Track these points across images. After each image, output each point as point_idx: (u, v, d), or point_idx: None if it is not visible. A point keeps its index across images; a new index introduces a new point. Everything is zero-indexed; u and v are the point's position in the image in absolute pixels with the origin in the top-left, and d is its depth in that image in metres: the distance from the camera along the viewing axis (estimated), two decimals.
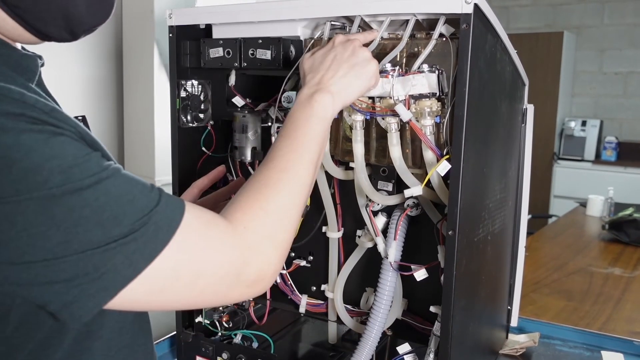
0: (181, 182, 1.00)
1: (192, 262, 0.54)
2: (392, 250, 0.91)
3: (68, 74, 2.37)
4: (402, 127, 0.81)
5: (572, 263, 2.04)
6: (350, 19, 0.86)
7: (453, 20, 0.76)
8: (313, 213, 1.03)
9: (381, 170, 0.96)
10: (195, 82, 1.00)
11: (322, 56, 0.75)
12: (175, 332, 1.07)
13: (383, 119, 0.80)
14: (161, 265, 0.52)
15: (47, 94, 0.67)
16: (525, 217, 1.10)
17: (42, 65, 0.67)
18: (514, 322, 1.14)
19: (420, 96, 0.76)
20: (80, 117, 0.69)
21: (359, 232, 1.01)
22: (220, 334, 1.03)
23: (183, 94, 0.98)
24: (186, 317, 1.04)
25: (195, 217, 0.56)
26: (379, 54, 0.83)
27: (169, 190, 1.01)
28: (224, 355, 0.96)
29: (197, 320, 1.04)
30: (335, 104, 0.71)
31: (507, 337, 1.16)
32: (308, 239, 1.05)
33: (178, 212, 0.54)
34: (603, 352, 1.08)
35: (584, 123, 4.46)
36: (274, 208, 0.61)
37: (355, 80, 0.73)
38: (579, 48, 4.59)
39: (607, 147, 4.38)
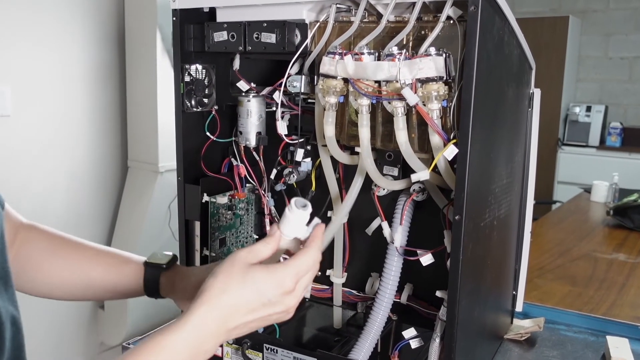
0: (185, 167, 1.00)
1: None
2: (398, 235, 0.91)
3: (70, 59, 2.36)
4: (409, 111, 0.80)
5: (577, 249, 2.04)
6: (356, 2, 0.85)
7: (461, 2, 0.74)
8: (318, 198, 1.03)
9: (387, 155, 0.96)
10: (199, 67, 0.99)
11: (251, 306, 0.62)
12: None
13: (389, 103, 0.80)
14: None
15: None
16: (531, 202, 1.09)
17: None
18: (519, 307, 1.14)
19: (427, 80, 0.75)
20: None
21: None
22: None
23: (187, 78, 0.97)
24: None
25: None
26: (385, 37, 0.82)
27: (173, 175, 1.01)
28: (229, 340, 0.97)
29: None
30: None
31: (512, 322, 1.16)
32: None
33: None
34: (608, 337, 1.09)
35: (588, 108, 4.44)
36: None
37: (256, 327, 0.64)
38: (584, 32, 4.55)
39: (612, 132, 4.36)
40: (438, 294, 0.86)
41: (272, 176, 1.03)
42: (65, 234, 0.86)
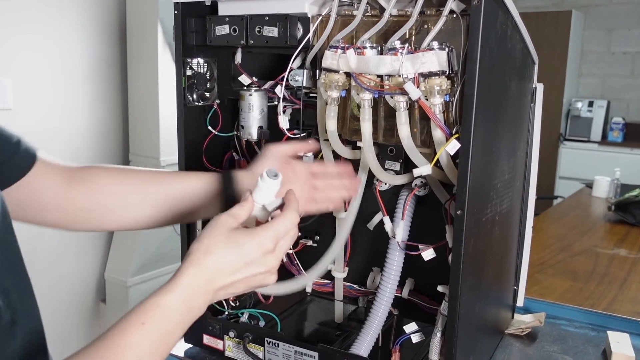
0: (187, 161, 1.00)
1: None
2: (400, 230, 0.91)
3: (71, 52, 2.35)
4: (411, 105, 0.80)
5: (578, 244, 2.04)
6: None
7: None
8: None
9: (389, 149, 0.96)
10: (201, 60, 0.99)
11: (235, 266, 0.65)
12: None
13: (392, 97, 0.79)
14: None
15: None
16: (533, 197, 1.09)
17: None
18: (520, 302, 1.14)
19: (430, 74, 0.75)
20: None
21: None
22: (227, 312, 1.03)
23: (189, 72, 0.97)
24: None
25: None
26: (388, 31, 0.82)
27: (175, 169, 1.01)
28: (231, 334, 0.97)
29: None
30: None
31: (513, 317, 1.17)
32: (315, 218, 1.04)
33: None
34: (609, 332, 1.09)
35: (590, 104, 4.43)
36: None
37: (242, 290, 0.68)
38: (587, 27, 4.53)
39: (614, 128, 4.35)
40: (439, 288, 0.86)
41: None
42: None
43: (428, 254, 0.88)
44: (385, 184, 0.95)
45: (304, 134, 0.98)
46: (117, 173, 0.86)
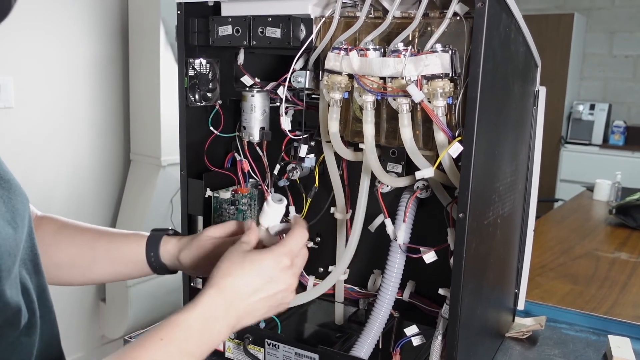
0: (189, 162, 1.00)
1: None
2: (401, 233, 0.90)
3: (73, 51, 2.35)
4: (414, 108, 0.79)
5: (579, 247, 2.03)
6: None
7: None
8: (321, 194, 1.03)
9: (390, 152, 0.95)
10: (203, 61, 0.99)
11: (255, 285, 0.66)
12: None
13: (394, 99, 0.79)
14: None
15: None
16: (534, 200, 1.09)
17: None
18: (520, 306, 1.14)
19: (433, 76, 0.75)
20: None
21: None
22: None
23: (191, 72, 0.97)
24: (194, 297, 1.04)
25: None
26: (391, 33, 0.81)
27: (176, 170, 1.01)
28: (231, 335, 0.97)
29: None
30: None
31: (513, 320, 1.16)
32: (316, 220, 1.04)
33: None
34: (610, 336, 1.08)
35: (592, 107, 4.43)
36: None
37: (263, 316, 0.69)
38: (589, 30, 4.53)
39: (615, 131, 4.35)
40: (441, 291, 0.85)
41: (276, 172, 1.03)
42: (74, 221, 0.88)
43: (429, 256, 0.88)
44: (387, 186, 0.95)
45: (305, 135, 0.98)
46: (56, 229, 0.86)
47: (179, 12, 0.95)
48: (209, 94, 1.01)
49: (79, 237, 0.86)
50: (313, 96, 0.94)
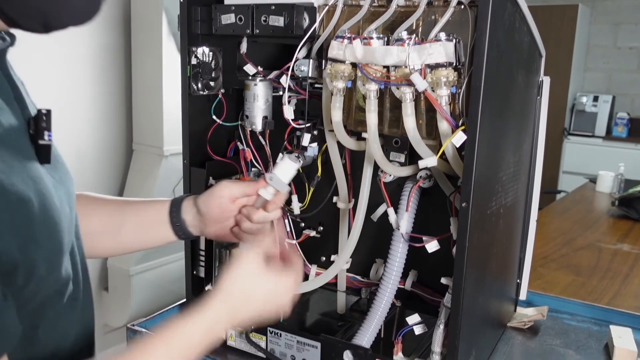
0: (191, 151, 1.00)
1: None
2: (404, 222, 0.90)
3: (76, 41, 2.35)
4: (417, 97, 0.79)
5: (581, 238, 2.03)
6: None
7: None
8: (324, 183, 1.03)
9: (394, 141, 0.95)
10: (206, 49, 0.98)
11: (252, 296, 0.74)
12: (184, 300, 1.08)
13: (398, 88, 0.79)
14: None
15: (8, 75, 0.67)
16: (537, 191, 1.09)
17: (10, 44, 0.67)
18: (522, 296, 1.14)
19: (437, 65, 0.74)
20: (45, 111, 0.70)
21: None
22: None
23: (194, 61, 0.97)
24: (196, 285, 1.04)
25: None
26: (395, 22, 0.81)
27: (178, 159, 1.01)
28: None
29: (206, 289, 1.04)
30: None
31: (515, 310, 1.17)
32: (318, 209, 1.04)
33: None
34: (611, 327, 1.09)
35: (595, 98, 4.41)
36: None
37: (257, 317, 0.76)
38: (594, 22, 4.50)
39: (619, 123, 4.33)
40: (443, 280, 0.86)
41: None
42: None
43: (432, 246, 0.88)
44: (390, 175, 0.95)
45: (308, 124, 0.98)
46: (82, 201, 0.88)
47: (181, 0, 0.94)
48: (212, 83, 1.01)
49: (108, 205, 0.91)
50: (316, 85, 0.94)
